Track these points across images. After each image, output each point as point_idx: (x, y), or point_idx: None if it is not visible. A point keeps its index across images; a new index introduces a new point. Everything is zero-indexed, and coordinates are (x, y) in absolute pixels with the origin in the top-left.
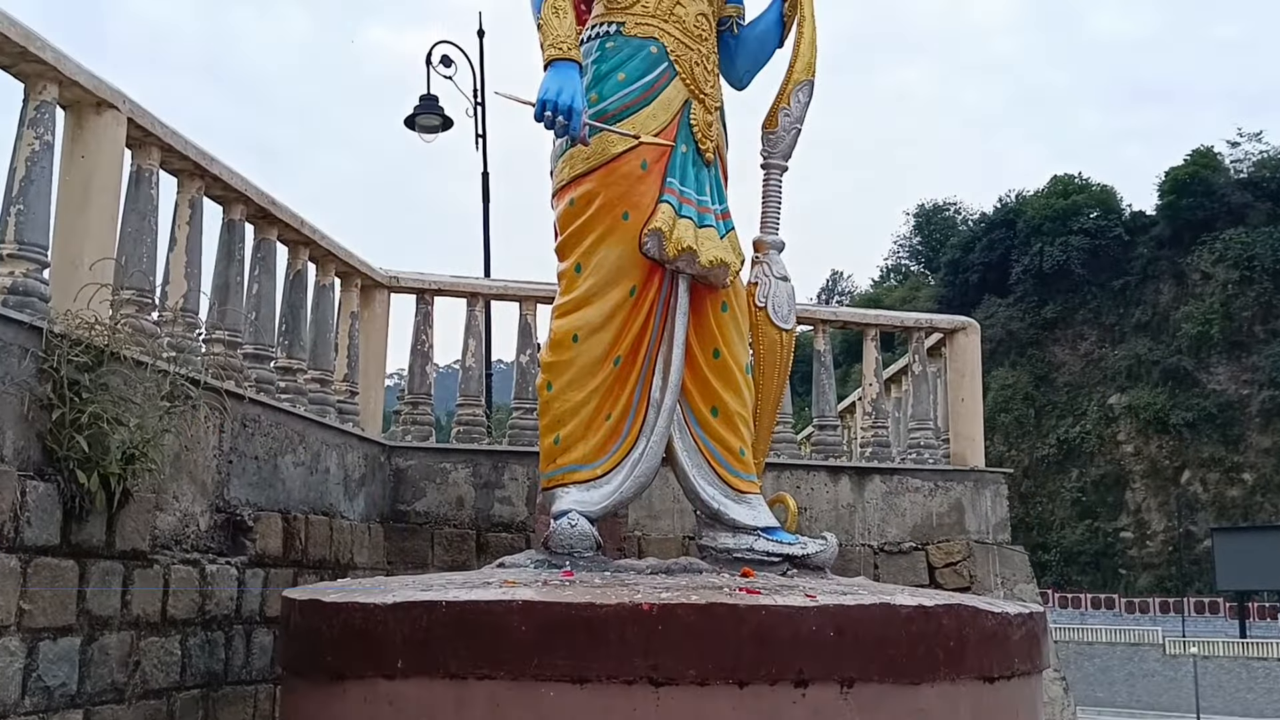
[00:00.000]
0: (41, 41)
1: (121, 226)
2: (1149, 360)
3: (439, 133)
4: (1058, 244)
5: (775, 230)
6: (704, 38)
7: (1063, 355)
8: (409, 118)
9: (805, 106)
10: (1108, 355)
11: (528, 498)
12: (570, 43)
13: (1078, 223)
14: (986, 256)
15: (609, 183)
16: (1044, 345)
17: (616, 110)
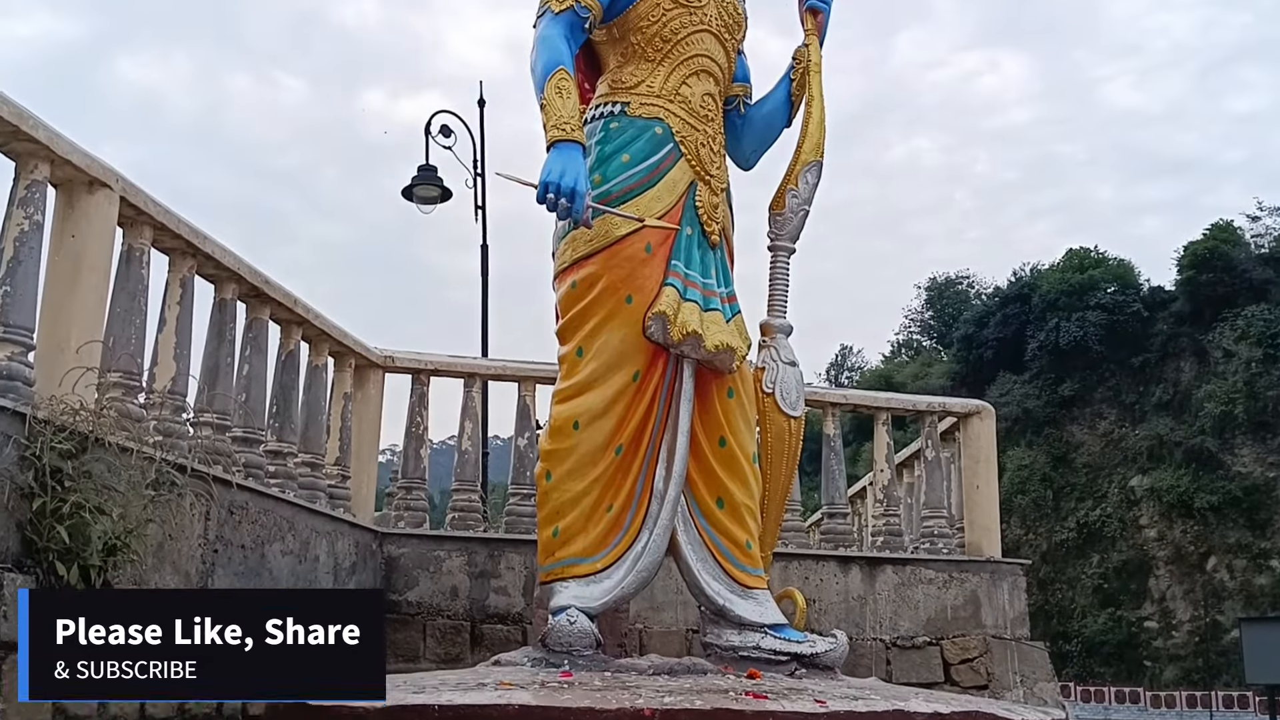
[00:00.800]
0: (35, 120)
1: (110, 307)
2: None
3: (438, 204)
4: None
5: (783, 313)
6: (710, 118)
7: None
8: (407, 188)
9: (813, 188)
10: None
11: (525, 588)
12: (574, 123)
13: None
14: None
15: (612, 265)
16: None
17: (620, 192)
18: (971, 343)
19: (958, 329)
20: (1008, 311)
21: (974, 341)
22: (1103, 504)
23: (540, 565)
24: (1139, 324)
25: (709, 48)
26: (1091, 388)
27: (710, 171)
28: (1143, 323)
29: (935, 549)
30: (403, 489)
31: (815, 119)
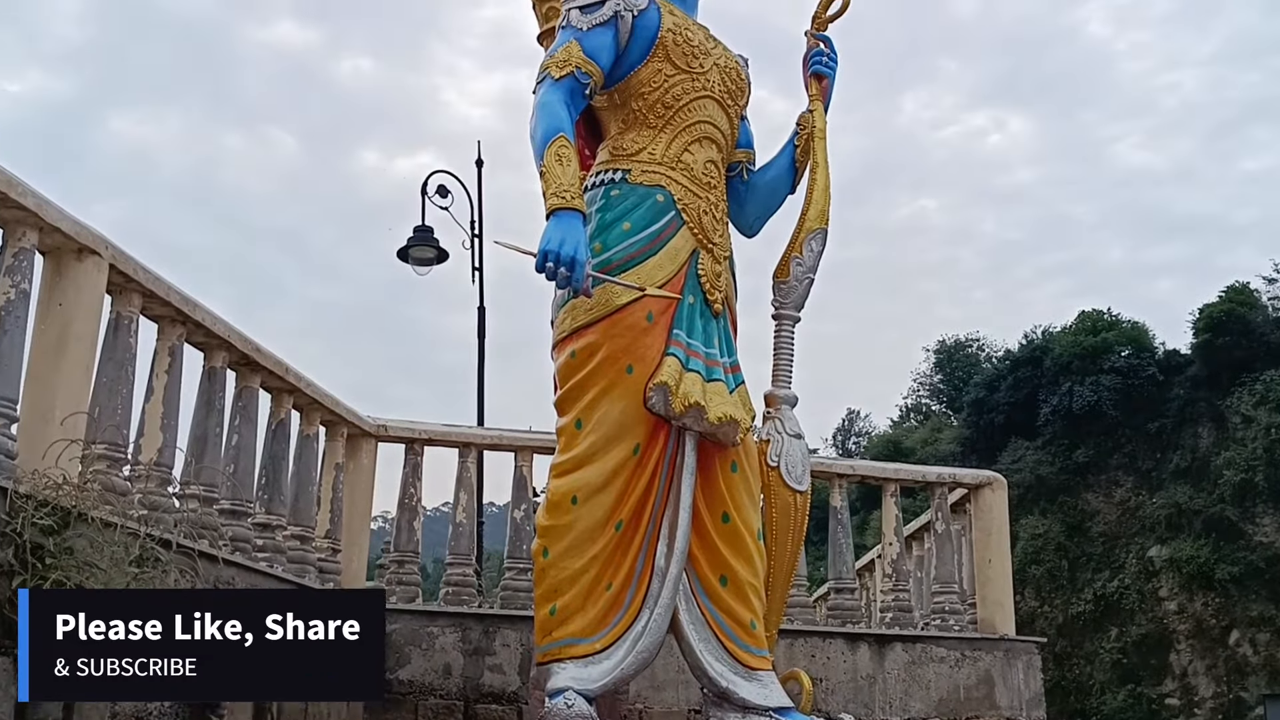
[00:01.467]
0: (24, 187)
1: (97, 376)
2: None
3: (433, 265)
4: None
5: (788, 384)
6: (713, 185)
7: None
8: (402, 249)
9: (819, 256)
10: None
11: (521, 666)
12: (574, 191)
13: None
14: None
15: (613, 335)
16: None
17: (621, 261)
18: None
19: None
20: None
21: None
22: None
23: (537, 645)
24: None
25: (711, 114)
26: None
27: (713, 239)
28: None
29: (947, 626)
30: (395, 562)
31: (820, 186)
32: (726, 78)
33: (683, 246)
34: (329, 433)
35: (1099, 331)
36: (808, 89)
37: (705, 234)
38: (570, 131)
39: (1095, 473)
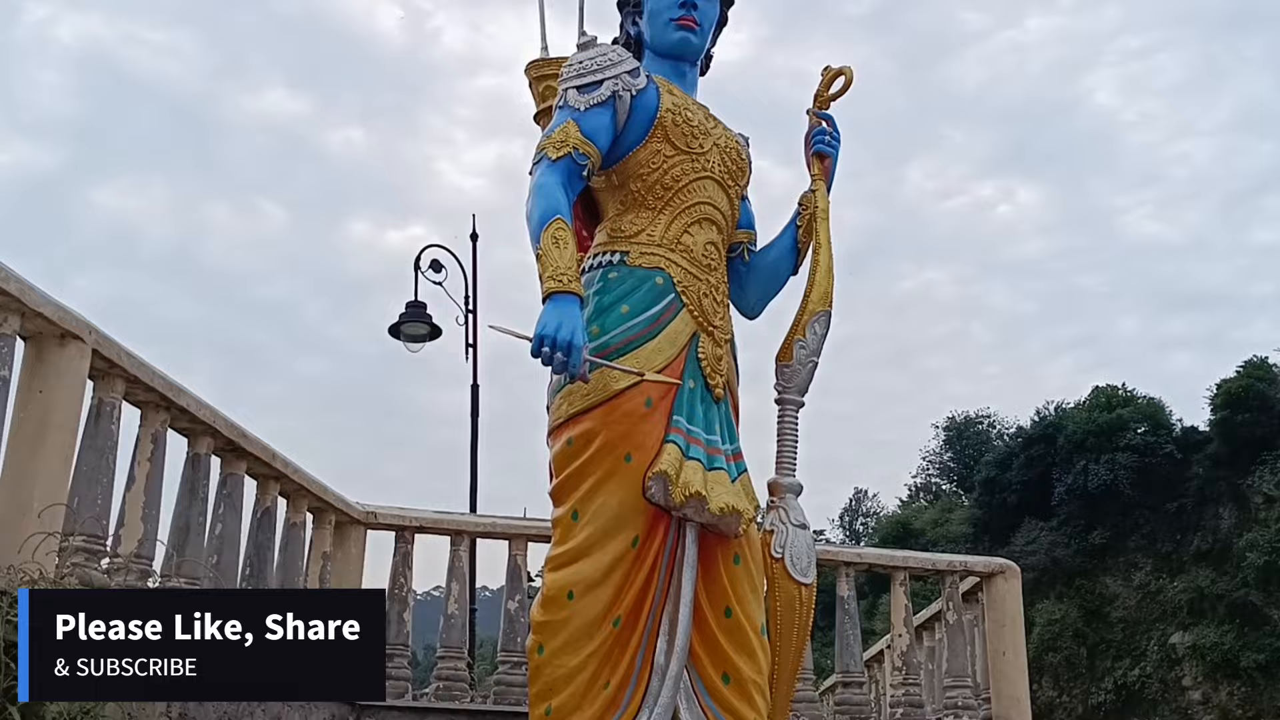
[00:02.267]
0: (6, 272)
1: (76, 465)
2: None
3: (426, 342)
4: (1103, 462)
5: (792, 472)
6: (713, 267)
7: (1115, 587)
8: (394, 325)
9: (822, 339)
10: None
11: None
12: (571, 274)
13: (1124, 439)
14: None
15: (610, 421)
16: (1094, 575)
17: (619, 344)
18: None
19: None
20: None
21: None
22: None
23: None
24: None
25: (711, 195)
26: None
27: (713, 322)
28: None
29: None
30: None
31: (823, 267)
32: (727, 158)
33: (682, 330)
34: (316, 520)
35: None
36: (810, 168)
37: (706, 317)
38: (567, 214)
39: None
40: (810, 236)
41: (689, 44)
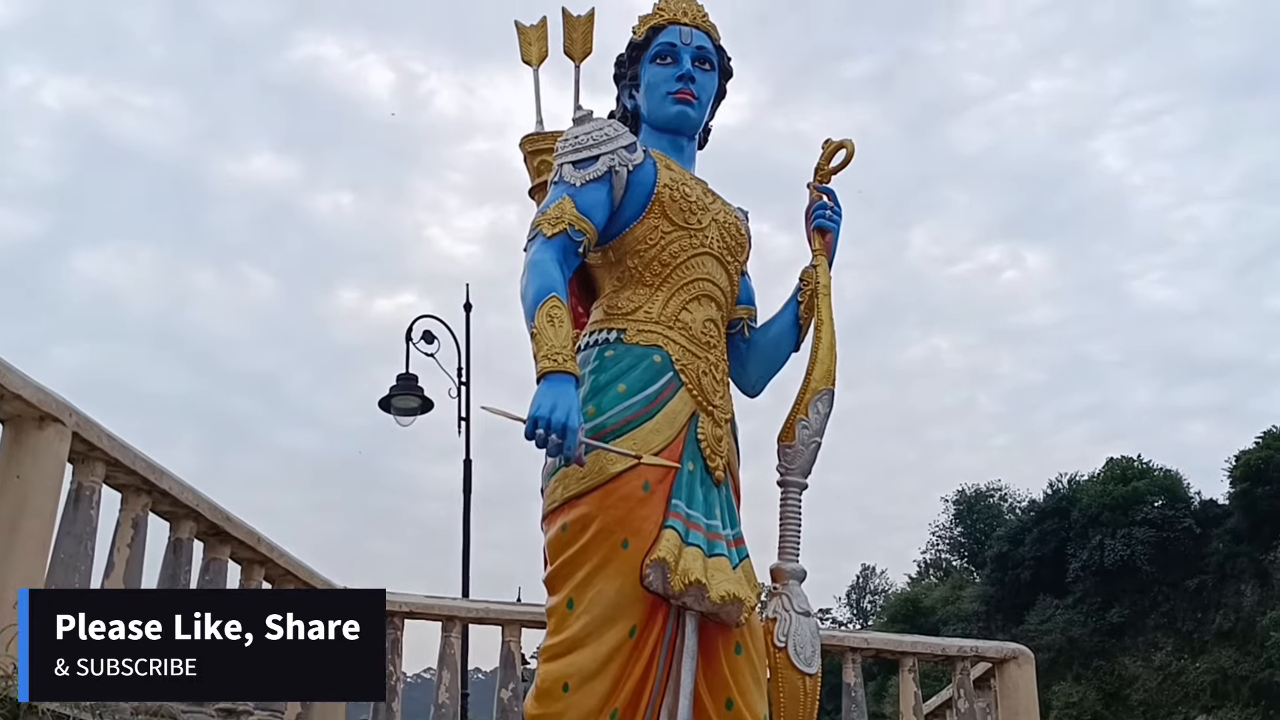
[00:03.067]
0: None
1: (54, 552)
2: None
3: (417, 415)
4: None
5: (795, 557)
6: (712, 344)
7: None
8: (385, 398)
9: (825, 418)
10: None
11: None
12: (566, 353)
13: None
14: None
15: (607, 506)
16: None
17: (616, 425)
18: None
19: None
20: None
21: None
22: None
23: None
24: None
25: (710, 271)
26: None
27: (713, 402)
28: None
29: None
30: None
31: (825, 344)
32: (726, 233)
33: (681, 409)
34: None
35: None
36: (810, 243)
37: (705, 396)
38: (563, 291)
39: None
40: (812, 313)
41: (687, 118)
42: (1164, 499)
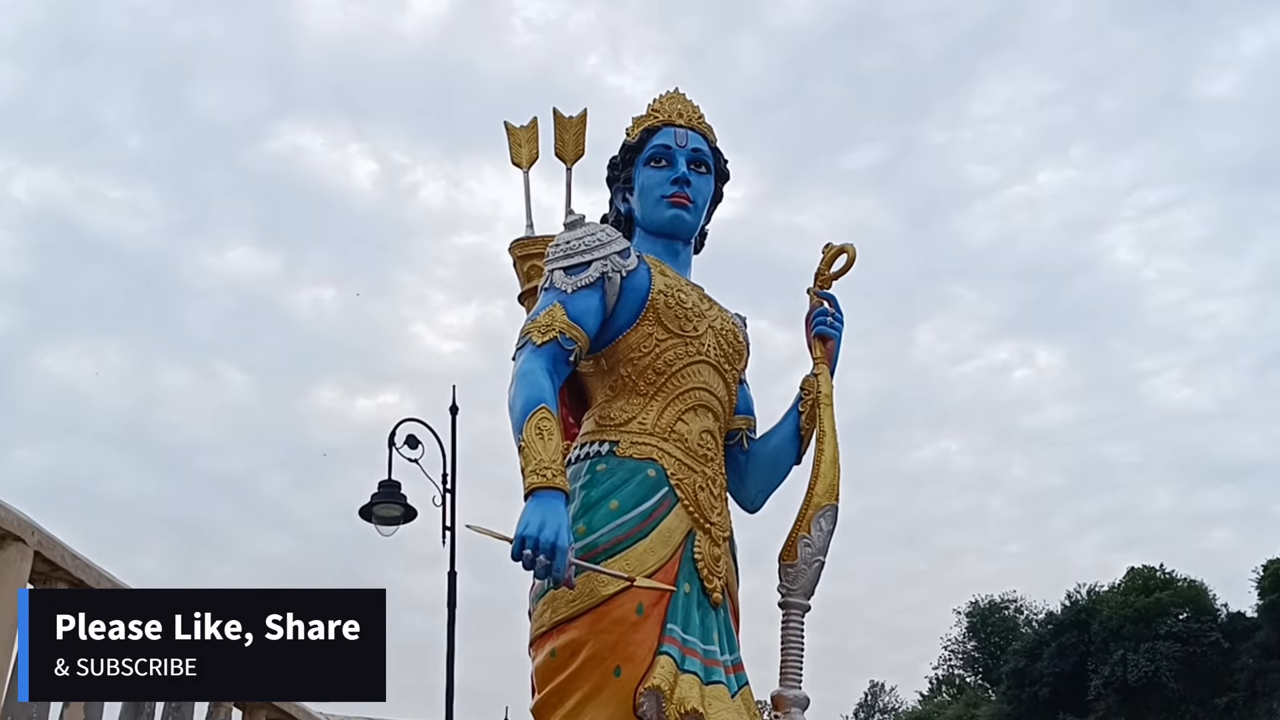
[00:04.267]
0: None
1: (9, 679)
2: None
3: (400, 525)
4: (1143, 652)
5: (798, 683)
6: (709, 457)
7: None
8: (365, 507)
9: (829, 535)
10: None
11: None
12: (555, 468)
13: (1164, 625)
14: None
15: (598, 630)
16: None
17: (608, 544)
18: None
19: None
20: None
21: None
22: None
23: None
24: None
25: (707, 380)
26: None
27: (710, 519)
28: (1224, 655)
29: None
30: None
31: (828, 458)
32: (723, 340)
33: (677, 527)
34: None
35: (1152, 591)
36: (811, 350)
37: (702, 512)
38: (553, 402)
39: None
40: (814, 423)
41: (682, 222)
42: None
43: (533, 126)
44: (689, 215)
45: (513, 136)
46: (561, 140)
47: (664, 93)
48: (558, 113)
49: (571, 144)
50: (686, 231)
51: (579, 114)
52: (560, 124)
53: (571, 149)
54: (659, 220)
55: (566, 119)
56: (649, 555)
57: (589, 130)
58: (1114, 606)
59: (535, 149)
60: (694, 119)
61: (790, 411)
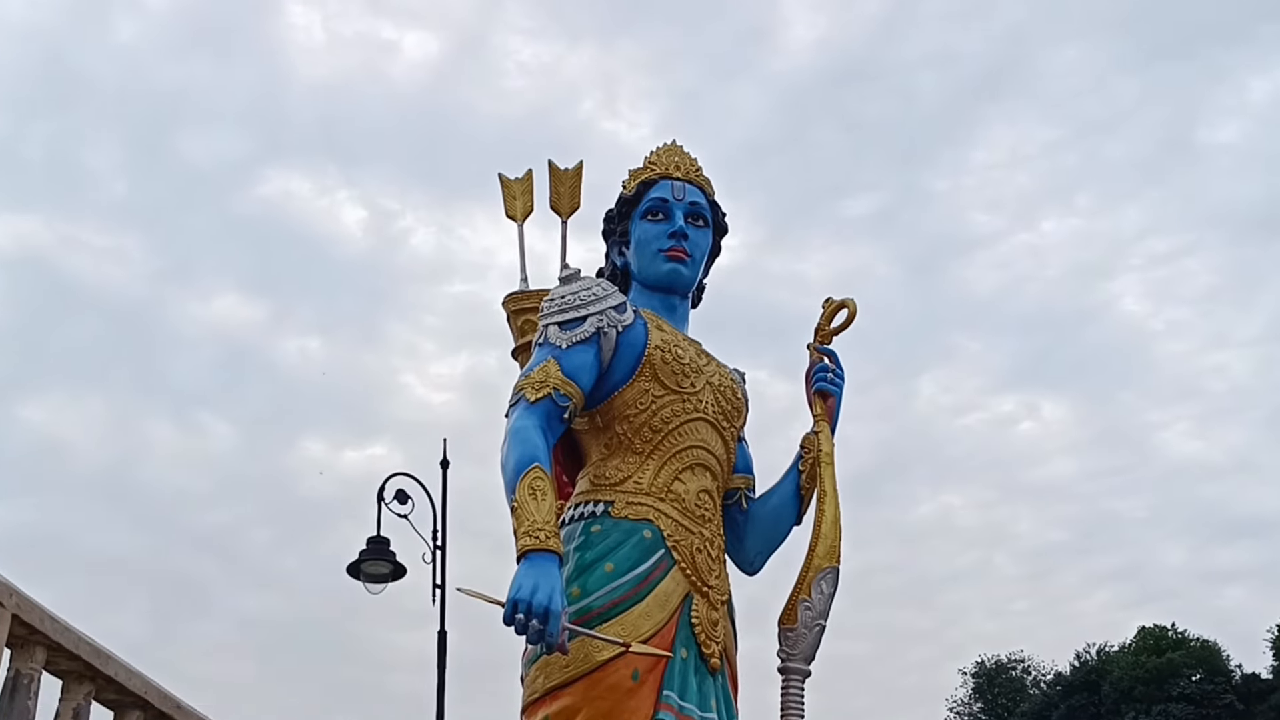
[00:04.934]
0: None
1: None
2: None
3: (389, 582)
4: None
5: None
6: (707, 518)
7: None
8: (354, 564)
9: (830, 599)
10: None
11: None
12: (549, 530)
13: (1177, 686)
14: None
15: (593, 697)
16: None
17: (603, 608)
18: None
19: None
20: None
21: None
22: None
23: None
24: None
25: (705, 438)
26: None
27: (708, 582)
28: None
29: None
30: None
31: (829, 518)
32: (721, 397)
33: (674, 590)
34: None
35: (1164, 651)
36: (811, 407)
37: (699, 575)
38: (546, 461)
39: None
40: (814, 483)
41: (679, 276)
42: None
43: (527, 179)
44: (686, 269)
45: (507, 189)
46: (557, 193)
47: (661, 145)
48: (553, 165)
49: (567, 197)
50: (684, 286)
51: (574, 166)
52: (555, 176)
53: (567, 202)
54: (656, 274)
55: (562, 171)
56: (645, 619)
57: (585, 179)
58: (1125, 667)
59: (530, 201)
60: (692, 172)
61: (790, 470)
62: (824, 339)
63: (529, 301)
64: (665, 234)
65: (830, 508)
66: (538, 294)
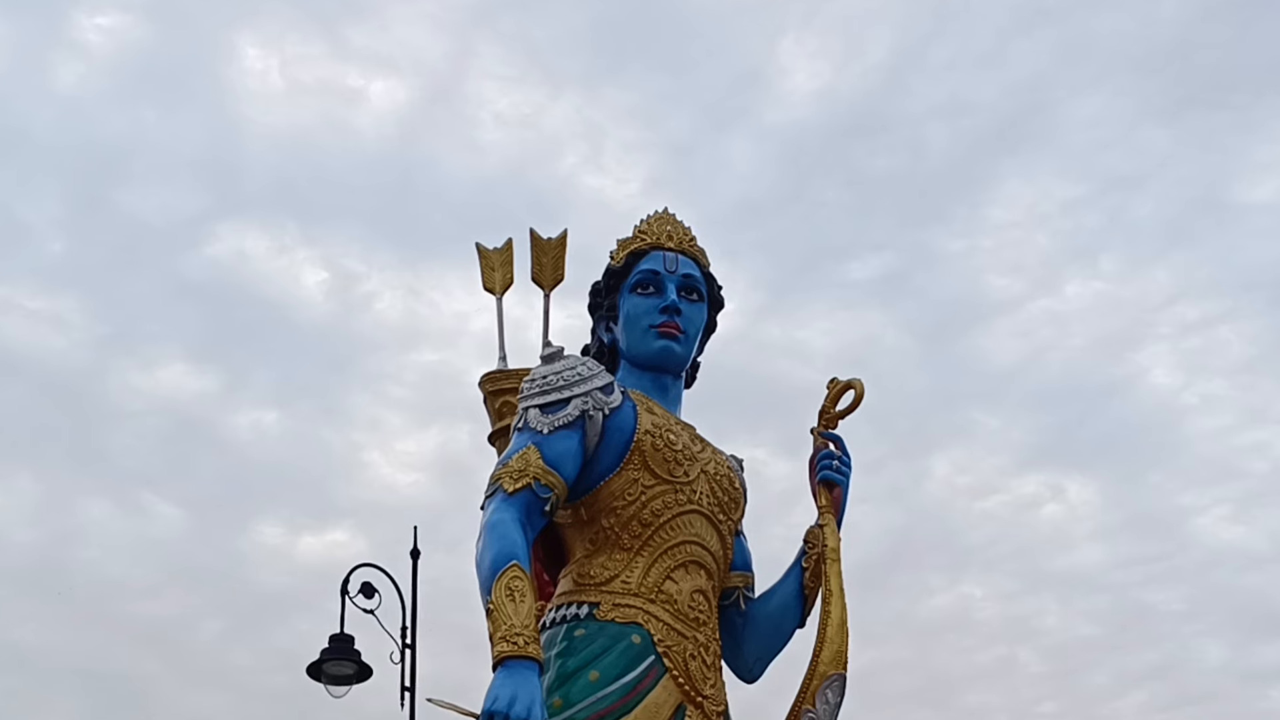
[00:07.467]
0: None
1: None
2: None
3: (353, 684)
4: None
5: None
6: (702, 621)
7: None
8: (314, 664)
9: (836, 709)
10: None
11: None
12: (528, 635)
13: None
14: None
15: None
16: None
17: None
18: None
19: None
20: None
21: None
22: None
23: None
24: None
25: (699, 532)
26: None
27: (703, 691)
28: None
29: None
30: None
31: (835, 621)
32: (717, 487)
33: (665, 701)
34: None
35: None
36: (816, 498)
37: (693, 684)
38: (525, 558)
39: None
40: (819, 581)
41: (672, 354)
42: None
43: (507, 248)
44: (679, 347)
45: (485, 259)
46: (539, 264)
47: (652, 213)
48: (535, 234)
49: (550, 269)
50: (676, 365)
51: (559, 235)
52: (538, 246)
53: (550, 274)
54: (646, 352)
55: (545, 241)
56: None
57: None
58: None
59: (510, 273)
60: (685, 242)
61: (793, 568)
62: (829, 423)
63: (508, 382)
64: (656, 309)
65: (837, 609)
66: (517, 374)
